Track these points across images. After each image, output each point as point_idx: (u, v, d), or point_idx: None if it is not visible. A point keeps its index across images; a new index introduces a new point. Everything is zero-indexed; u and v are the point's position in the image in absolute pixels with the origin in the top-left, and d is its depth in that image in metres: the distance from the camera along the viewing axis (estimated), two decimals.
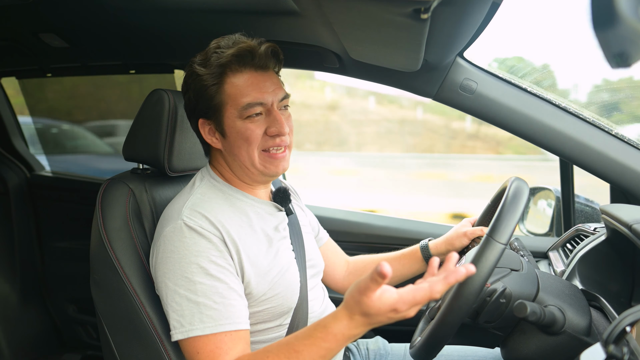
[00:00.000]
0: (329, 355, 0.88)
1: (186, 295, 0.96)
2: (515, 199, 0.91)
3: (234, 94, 1.04)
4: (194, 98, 1.07)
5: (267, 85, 1.06)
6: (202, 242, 0.98)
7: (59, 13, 1.39)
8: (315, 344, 0.87)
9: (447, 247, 1.35)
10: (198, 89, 1.05)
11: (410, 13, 0.88)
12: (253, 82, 1.05)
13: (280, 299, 1.07)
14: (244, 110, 1.04)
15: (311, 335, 0.88)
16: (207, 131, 1.09)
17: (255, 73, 1.06)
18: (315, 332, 0.87)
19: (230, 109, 1.04)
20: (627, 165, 1.32)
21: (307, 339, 0.88)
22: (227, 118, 1.05)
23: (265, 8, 1.20)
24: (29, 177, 2.38)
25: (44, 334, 2.39)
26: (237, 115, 1.04)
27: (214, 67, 1.04)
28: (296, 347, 0.89)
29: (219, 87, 1.04)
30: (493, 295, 0.94)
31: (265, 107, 1.06)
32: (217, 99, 1.05)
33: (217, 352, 0.94)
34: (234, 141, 1.06)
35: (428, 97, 1.48)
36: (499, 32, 1.36)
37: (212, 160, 1.16)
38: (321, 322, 0.88)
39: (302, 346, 0.88)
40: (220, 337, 0.95)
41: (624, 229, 1.03)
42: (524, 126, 1.38)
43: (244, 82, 1.04)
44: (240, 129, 1.04)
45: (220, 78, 1.04)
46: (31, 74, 2.17)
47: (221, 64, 1.03)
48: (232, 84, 1.04)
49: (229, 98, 1.04)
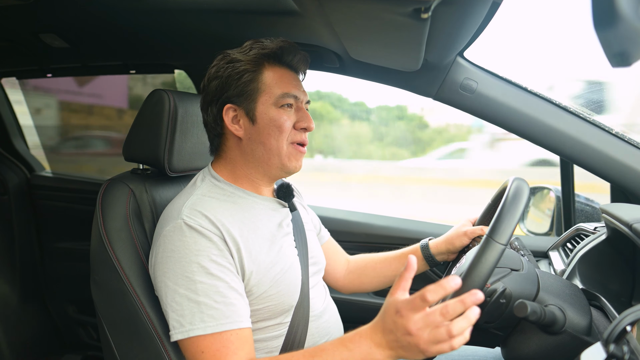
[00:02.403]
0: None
1: (186, 294, 0.95)
2: (515, 199, 0.91)
3: (271, 84, 1.09)
4: (225, 83, 1.09)
5: (299, 84, 1.14)
6: (203, 241, 0.98)
7: (59, 13, 1.39)
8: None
9: (447, 246, 1.35)
10: (233, 74, 1.08)
11: (410, 13, 0.88)
12: (289, 77, 1.11)
13: (282, 297, 1.07)
14: (280, 98, 1.08)
15: (328, 349, 0.88)
16: (231, 118, 1.10)
17: (289, 72, 1.13)
18: (332, 347, 0.88)
19: (265, 95, 1.08)
20: (627, 164, 1.31)
21: (324, 351, 0.88)
22: (260, 104, 1.09)
23: (266, 8, 1.20)
24: (29, 177, 2.38)
25: (44, 335, 2.39)
26: (273, 102, 1.08)
27: (254, 56, 1.09)
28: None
29: (256, 75, 1.09)
30: (493, 295, 0.94)
31: (297, 101, 1.12)
32: (253, 86, 1.08)
33: (224, 351, 0.94)
34: (264, 128, 1.08)
35: (428, 97, 1.48)
36: (499, 33, 1.36)
37: (218, 158, 1.16)
38: (342, 340, 0.89)
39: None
40: (226, 336, 0.94)
41: (625, 229, 1.03)
42: (524, 126, 1.38)
43: (280, 76, 1.10)
44: (274, 116, 1.08)
45: (259, 67, 1.09)
46: (31, 74, 2.17)
47: (263, 54, 1.09)
48: (269, 75, 1.09)
49: (266, 86, 1.09)
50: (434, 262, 1.38)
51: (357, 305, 1.78)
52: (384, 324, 0.84)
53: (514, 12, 2.25)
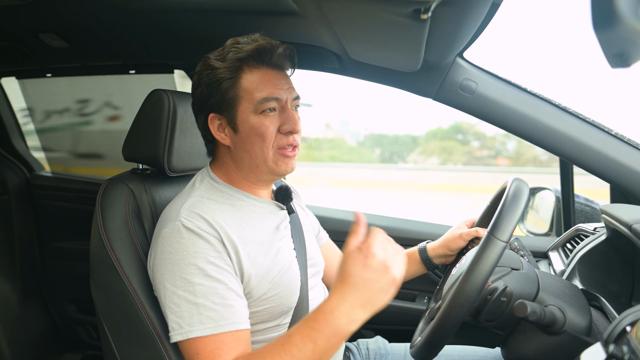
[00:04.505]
0: (324, 346, 0.86)
1: (185, 296, 0.95)
2: (515, 198, 0.91)
3: (250, 89, 1.04)
4: (207, 92, 1.06)
5: (282, 83, 1.07)
6: (200, 243, 0.97)
7: (59, 13, 1.39)
8: (308, 330, 0.86)
9: (444, 249, 1.35)
10: (212, 82, 1.05)
11: (410, 13, 0.88)
12: (269, 78, 1.06)
13: (281, 299, 1.07)
14: (259, 104, 1.04)
15: (304, 325, 0.88)
16: (216, 127, 1.08)
17: (271, 71, 1.07)
18: (307, 321, 0.88)
19: (244, 103, 1.05)
20: (627, 165, 1.32)
21: (300, 327, 0.88)
22: (241, 112, 1.05)
23: (265, 8, 1.20)
24: (29, 177, 2.38)
25: (44, 334, 2.40)
26: (252, 109, 1.04)
27: (231, 61, 1.04)
28: (290, 339, 0.88)
29: (234, 82, 1.04)
30: (494, 293, 0.94)
31: (280, 103, 1.06)
32: (232, 93, 1.05)
33: (218, 352, 0.94)
34: (247, 137, 1.05)
35: (428, 97, 1.48)
36: (499, 33, 1.36)
37: (214, 161, 1.16)
38: (314, 310, 0.89)
39: (296, 337, 0.87)
40: (222, 337, 0.94)
41: (624, 229, 1.03)
42: (524, 126, 1.38)
43: (260, 78, 1.05)
44: (255, 124, 1.04)
45: (237, 72, 1.04)
46: (31, 74, 2.17)
47: (239, 59, 1.04)
48: (248, 79, 1.05)
49: (244, 92, 1.04)
50: (432, 265, 1.38)
51: None
52: (353, 280, 0.85)
53: (514, 12, 2.24)
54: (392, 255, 0.87)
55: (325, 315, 0.85)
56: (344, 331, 0.85)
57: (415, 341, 1.05)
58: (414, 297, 1.78)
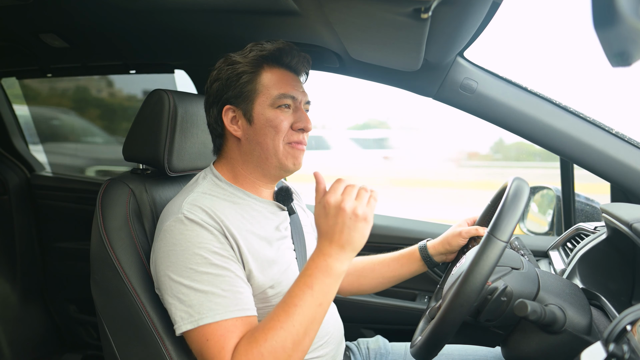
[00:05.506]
0: (321, 288, 0.93)
1: (192, 285, 0.95)
2: (516, 198, 0.91)
3: (268, 85, 1.10)
4: (225, 84, 1.11)
5: (298, 85, 1.15)
6: (204, 234, 0.98)
7: (59, 13, 1.39)
8: (302, 279, 0.94)
9: (445, 247, 1.36)
10: (232, 76, 1.10)
11: (410, 13, 0.88)
12: (287, 79, 1.12)
13: (280, 298, 1.07)
14: (277, 99, 1.09)
15: (298, 279, 0.95)
16: (230, 119, 1.12)
17: (289, 73, 1.14)
18: (300, 275, 0.96)
19: (262, 97, 1.10)
20: (627, 164, 1.32)
21: (296, 281, 0.96)
22: (257, 105, 1.10)
23: (265, 8, 1.20)
24: (29, 177, 2.38)
25: (44, 334, 2.40)
26: (269, 103, 1.09)
27: (253, 58, 1.10)
28: (289, 293, 0.95)
29: (254, 76, 1.10)
30: (494, 293, 0.94)
31: (295, 102, 1.12)
32: (250, 87, 1.10)
33: (229, 335, 0.94)
34: (261, 128, 1.09)
35: (428, 97, 1.49)
36: (499, 32, 1.36)
37: (219, 158, 1.17)
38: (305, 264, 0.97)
39: (294, 289, 0.95)
40: (232, 322, 0.95)
41: (625, 228, 1.03)
42: (524, 125, 1.39)
43: (278, 77, 1.11)
44: (270, 117, 1.09)
45: (257, 68, 1.10)
46: (31, 74, 2.17)
47: (261, 56, 1.10)
48: (267, 76, 1.11)
49: (263, 87, 1.10)
50: (433, 263, 1.39)
51: (357, 305, 1.78)
52: (322, 230, 0.95)
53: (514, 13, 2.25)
54: (349, 196, 0.93)
55: (314, 261, 0.94)
56: (334, 271, 0.94)
57: (415, 340, 1.05)
58: (414, 296, 1.78)
